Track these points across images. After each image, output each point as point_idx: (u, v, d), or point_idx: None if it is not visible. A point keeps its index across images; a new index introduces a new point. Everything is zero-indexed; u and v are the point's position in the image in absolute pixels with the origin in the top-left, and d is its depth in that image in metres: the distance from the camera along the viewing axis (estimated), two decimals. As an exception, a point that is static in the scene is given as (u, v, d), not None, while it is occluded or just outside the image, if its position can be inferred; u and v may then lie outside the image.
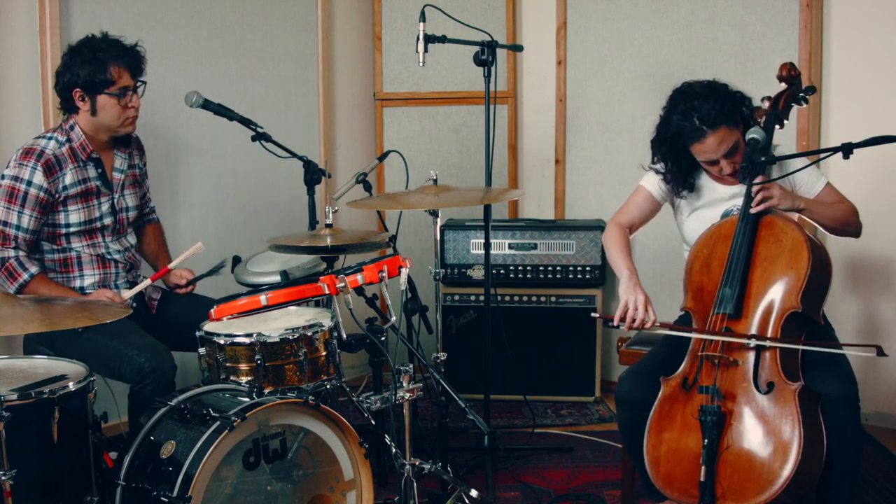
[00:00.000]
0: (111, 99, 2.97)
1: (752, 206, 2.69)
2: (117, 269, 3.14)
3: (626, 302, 2.74)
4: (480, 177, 4.29)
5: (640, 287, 2.77)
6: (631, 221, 3.02)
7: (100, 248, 3.10)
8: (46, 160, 2.93)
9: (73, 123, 3.01)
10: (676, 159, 2.87)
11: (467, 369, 3.91)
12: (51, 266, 3.04)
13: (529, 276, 4.18)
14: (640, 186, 3.03)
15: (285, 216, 4.19)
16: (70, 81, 2.96)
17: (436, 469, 2.73)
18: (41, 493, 2.36)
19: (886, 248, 3.78)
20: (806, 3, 3.81)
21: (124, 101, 2.98)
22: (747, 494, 2.48)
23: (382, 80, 4.54)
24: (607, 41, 4.29)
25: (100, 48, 2.96)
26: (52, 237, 3.02)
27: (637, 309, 2.71)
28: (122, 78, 2.97)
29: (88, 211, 3.04)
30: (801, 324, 2.65)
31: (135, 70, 3.01)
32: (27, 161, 2.92)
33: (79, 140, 3.01)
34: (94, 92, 2.96)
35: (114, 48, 2.97)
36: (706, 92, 2.76)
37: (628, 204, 3.05)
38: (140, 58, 3.04)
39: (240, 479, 2.41)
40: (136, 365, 2.82)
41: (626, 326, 2.73)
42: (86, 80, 2.94)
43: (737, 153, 2.78)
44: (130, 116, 3.04)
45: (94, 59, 2.94)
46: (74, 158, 3.00)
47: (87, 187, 3.03)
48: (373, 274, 2.61)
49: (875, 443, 3.63)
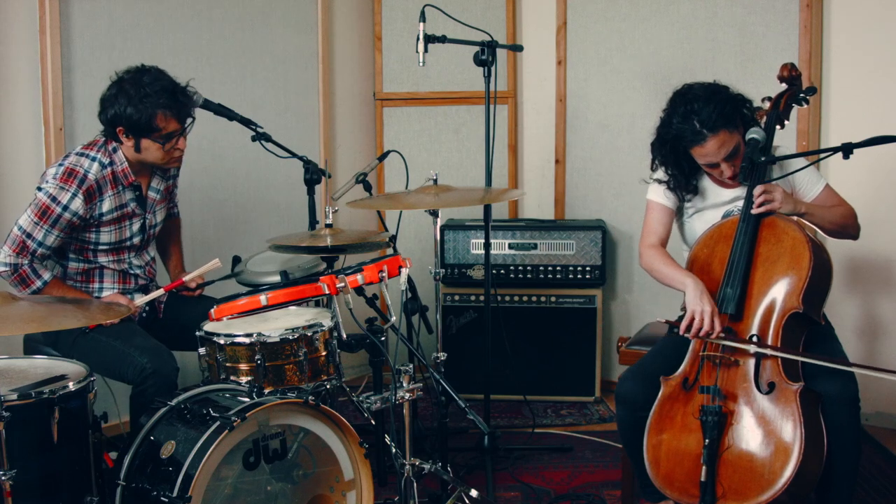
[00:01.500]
0: (155, 143, 2.90)
1: (753, 208, 2.69)
2: (136, 283, 3.15)
3: (692, 312, 2.67)
4: (480, 177, 4.29)
5: (707, 296, 2.68)
6: (660, 238, 2.95)
7: (123, 264, 3.10)
8: (88, 187, 2.87)
9: (116, 147, 2.94)
10: (677, 162, 2.86)
11: (467, 369, 3.91)
12: (73, 274, 3.04)
13: (529, 276, 4.18)
14: (649, 202, 2.98)
15: (285, 216, 4.19)
16: (114, 118, 2.86)
17: (436, 469, 2.73)
18: (41, 493, 2.36)
19: (886, 248, 3.78)
20: (806, 3, 3.81)
21: (169, 145, 2.92)
22: (748, 494, 2.48)
23: (382, 80, 4.53)
24: (607, 41, 4.29)
25: (146, 92, 2.83)
26: (80, 250, 3.01)
27: (704, 320, 2.65)
28: (168, 126, 2.88)
29: (120, 232, 3.02)
30: (803, 324, 2.65)
31: (183, 116, 2.92)
32: (69, 185, 2.85)
33: (121, 166, 2.95)
34: (139, 135, 2.88)
35: (163, 94, 2.84)
36: (706, 94, 2.75)
37: (648, 223, 2.98)
38: (190, 102, 2.93)
39: (240, 479, 2.41)
40: (139, 366, 2.82)
41: (692, 335, 2.68)
42: (129, 121, 2.84)
43: (737, 156, 2.77)
44: (175, 157, 2.99)
45: (140, 104, 2.82)
46: (115, 184, 2.94)
47: (123, 212, 3.01)
48: (373, 274, 2.61)
49: (875, 443, 3.63)
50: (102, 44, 3.58)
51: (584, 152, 4.40)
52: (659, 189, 2.95)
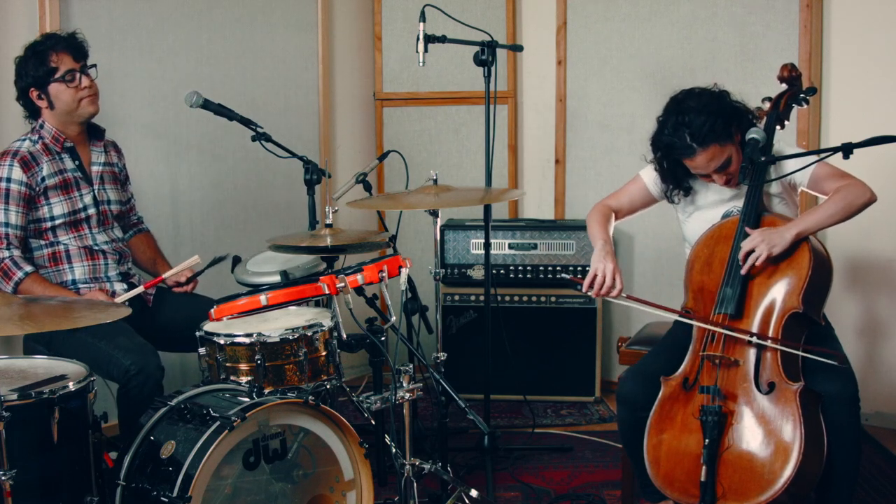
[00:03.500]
0: (61, 85, 3.02)
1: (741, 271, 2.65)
2: (106, 260, 3.15)
3: (595, 269, 2.76)
4: (480, 177, 4.29)
5: (611, 256, 2.79)
6: (619, 206, 3.02)
7: (87, 240, 3.11)
8: (22, 157, 2.99)
9: (42, 122, 3.08)
10: (671, 167, 2.86)
11: (467, 369, 3.91)
12: (40, 262, 3.06)
13: (529, 276, 4.18)
14: (638, 176, 3.01)
15: (285, 216, 4.19)
16: (25, 85, 3.04)
17: (436, 469, 2.73)
18: (41, 493, 2.36)
19: (886, 248, 3.78)
20: (806, 3, 3.81)
21: (74, 84, 3.03)
22: (748, 494, 2.48)
23: (382, 80, 4.53)
24: (607, 41, 4.29)
25: (38, 44, 3.05)
26: (39, 232, 3.04)
27: (606, 276, 2.74)
28: (63, 62, 3.02)
29: (71, 202, 3.06)
30: (803, 324, 2.65)
31: (76, 53, 3.06)
32: (3, 161, 2.99)
33: (50, 135, 3.06)
34: (45, 84, 3.02)
35: (50, 39, 3.05)
36: (700, 106, 2.71)
37: (622, 190, 3.05)
38: (78, 42, 3.09)
39: (240, 479, 2.41)
40: (122, 367, 2.82)
41: (595, 293, 2.76)
42: (33, 76, 3.01)
43: (729, 166, 2.74)
44: (85, 96, 3.07)
45: (34, 55, 3.02)
46: (49, 152, 3.05)
47: (66, 178, 3.06)
48: (373, 274, 2.61)
49: (875, 443, 3.63)
50: (102, 44, 3.57)
51: (584, 152, 4.40)
52: (652, 173, 2.95)
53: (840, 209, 2.66)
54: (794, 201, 2.89)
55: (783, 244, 2.62)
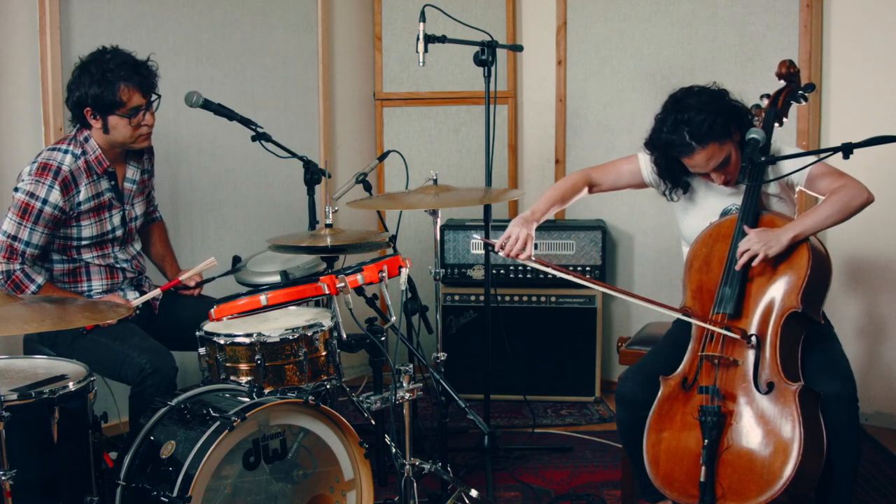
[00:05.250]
0: (122, 119, 2.93)
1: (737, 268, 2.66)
2: (124, 277, 3.15)
3: (510, 232, 2.83)
4: (480, 177, 4.29)
5: (530, 224, 2.84)
6: (601, 181, 2.99)
7: (109, 259, 3.09)
8: (64, 178, 2.89)
9: (87, 136, 2.97)
10: (668, 165, 2.85)
11: (467, 369, 3.91)
12: (59, 276, 3.03)
13: (529, 276, 4.18)
14: (634, 156, 2.96)
15: (285, 216, 4.19)
16: (80, 100, 2.91)
17: (436, 469, 2.73)
18: (41, 493, 2.36)
19: (886, 248, 3.78)
20: (806, 3, 3.81)
21: (136, 120, 2.95)
22: (748, 494, 2.48)
23: (382, 80, 4.53)
24: (607, 41, 4.29)
25: (108, 67, 2.89)
26: (63, 248, 3.00)
27: (518, 241, 2.80)
28: (132, 99, 2.92)
29: (101, 224, 3.02)
30: (802, 323, 2.65)
31: (146, 89, 2.95)
32: (44, 178, 2.87)
33: (94, 154, 2.97)
34: (105, 112, 2.91)
35: (123, 67, 2.90)
36: (700, 104, 2.70)
37: (610, 164, 3.01)
38: (151, 75, 2.98)
39: (240, 478, 2.41)
40: (138, 367, 2.82)
41: (505, 254, 2.82)
42: (95, 100, 2.89)
43: (728, 165, 2.74)
44: (143, 133, 3.00)
45: (103, 80, 2.88)
46: (90, 173, 2.96)
47: (101, 202, 3.01)
48: (373, 274, 2.61)
49: (875, 443, 3.63)
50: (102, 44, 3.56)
51: (584, 152, 4.40)
52: (649, 163, 2.90)
53: (837, 210, 2.65)
54: (792, 200, 2.89)
55: (780, 246, 2.62)
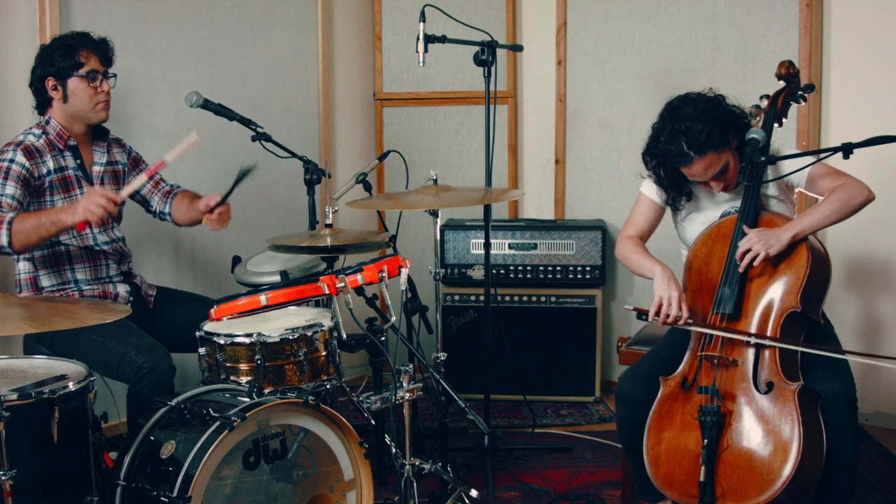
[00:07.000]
0: (81, 82, 3.02)
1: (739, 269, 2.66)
2: (107, 260, 3.15)
3: (660, 297, 2.70)
4: (480, 177, 4.29)
5: (674, 282, 2.72)
6: (640, 231, 2.97)
7: (87, 241, 3.10)
8: (26, 147, 2.99)
9: (48, 118, 3.07)
10: (667, 174, 2.85)
11: (467, 369, 3.91)
12: (41, 263, 3.05)
13: (529, 276, 4.18)
14: (640, 195, 2.98)
15: (285, 216, 4.19)
16: (44, 73, 3.03)
17: (436, 469, 2.73)
18: (41, 493, 2.36)
19: (886, 249, 3.79)
20: (806, 3, 3.81)
21: (94, 84, 3.03)
22: (747, 494, 2.48)
23: (382, 80, 4.53)
24: (607, 41, 4.29)
25: (69, 38, 3.06)
26: None
27: (671, 305, 2.68)
28: (90, 61, 3.03)
29: (71, 201, 3.04)
30: (801, 323, 2.65)
31: (103, 58, 3.08)
32: (6, 149, 2.99)
33: (55, 131, 3.06)
34: (66, 76, 3.02)
35: (82, 36, 3.07)
36: (697, 113, 2.69)
37: (633, 215, 3.00)
38: (108, 48, 3.10)
39: (240, 479, 2.41)
40: (135, 365, 2.82)
41: (661, 322, 2.70)
42: (57, 66, 3.01)
43: (727, 172, 2.74)
44: (101, 101, 3.07)
45: (63, 47, 3.02)
46: (52, 148, 3.04)
47: (66, 176, 3.06)
48: (373, 274, 2.61)
49: (875, 443, 3.63)
50: (102, 44, 3.58)
51: (584, 152, 4.40)
52: (652, 185, 2.94)
53: (837, 209, 2.66)
54: (792, 202, 2.89)
55: (780, 245, 2.62)
